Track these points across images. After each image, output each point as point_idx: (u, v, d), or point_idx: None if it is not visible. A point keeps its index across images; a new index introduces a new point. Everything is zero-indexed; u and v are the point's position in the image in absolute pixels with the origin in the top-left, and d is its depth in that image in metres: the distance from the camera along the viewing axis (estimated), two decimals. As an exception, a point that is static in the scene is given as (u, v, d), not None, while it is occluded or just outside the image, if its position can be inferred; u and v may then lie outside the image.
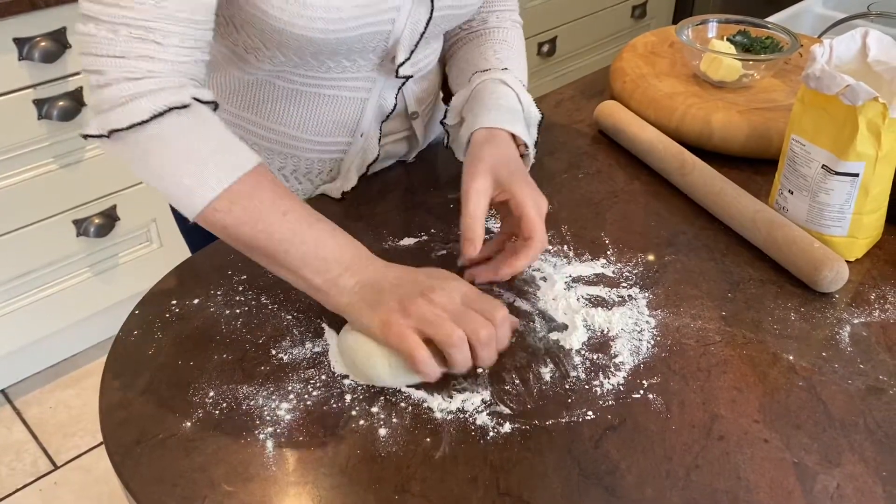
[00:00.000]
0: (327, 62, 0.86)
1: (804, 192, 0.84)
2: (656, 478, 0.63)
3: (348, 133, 0.94)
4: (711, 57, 1.07)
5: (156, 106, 0.70)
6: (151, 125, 0.70)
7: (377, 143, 0.96)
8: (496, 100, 0.87)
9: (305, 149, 0.95)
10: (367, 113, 0.93)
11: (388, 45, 0.87)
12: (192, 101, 0.72)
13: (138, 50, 0.70)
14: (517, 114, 0.87)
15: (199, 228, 1.01)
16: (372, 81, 0.91)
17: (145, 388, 0.70)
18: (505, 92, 0.88)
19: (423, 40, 0.88)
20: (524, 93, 0.90)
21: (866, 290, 0.82)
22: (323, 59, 0.85)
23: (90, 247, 1.83)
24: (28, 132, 1.63)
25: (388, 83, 0.92)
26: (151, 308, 0.79)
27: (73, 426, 1.85)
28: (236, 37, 0.85)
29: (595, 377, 0.72)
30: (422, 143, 1.04)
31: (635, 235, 0.89)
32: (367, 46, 0.85)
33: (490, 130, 0.83)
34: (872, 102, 0.76)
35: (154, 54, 0.70)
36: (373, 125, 0.95)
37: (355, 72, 0.89)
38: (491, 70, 0.91)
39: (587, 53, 2.73)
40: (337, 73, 0.88)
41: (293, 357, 0.73)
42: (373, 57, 0.88)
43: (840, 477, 0.63)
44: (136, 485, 0.62)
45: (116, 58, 0.69)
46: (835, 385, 0.71)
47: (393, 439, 0.66)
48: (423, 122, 1.02)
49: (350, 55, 0.86)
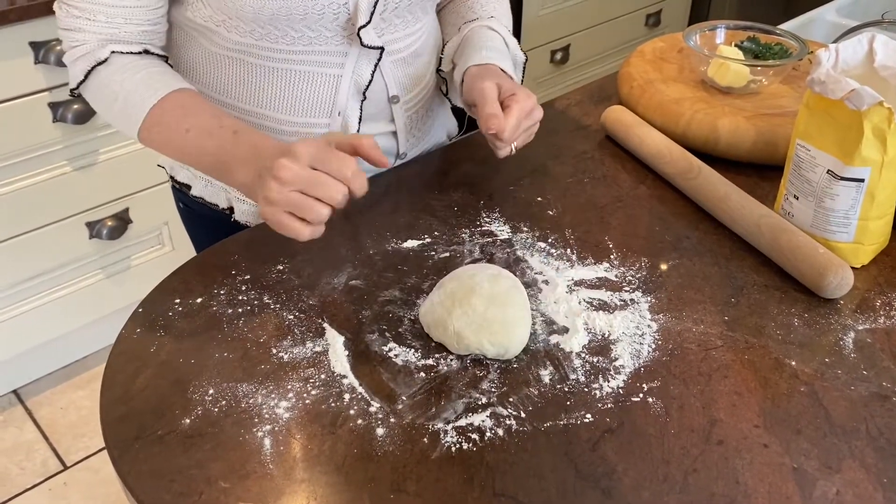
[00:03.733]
0: (290, 32, 0.88)
1: (809, 198, 0.84)
2: (653, 481, 0.63)
3: (325, 113, 0.94)
4: (719, 62, 1.06)
5: (87, 65, 0.88)
6: (87, 83, 0.89)
7: (357, 123, 0.96)
8: (485, 41, 0.96)
9: (284, 131, 0.95)
10: (343, 89, 0.93)
11: (349, 12, 0.87)
12: (111, 54, 0.87)
13: (75, 24, 0.87)
14: (504, 53, 0.97)
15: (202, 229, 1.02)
16: (343, 56, 0.91)
17: (146, 384, 0.71)
18: (492, 35, 0.98)
19: (384, 6, 0.89)
20: (510, 37, 1.00)
21: (872, 296, 0.82)
22: (283, 27, 0.87)
23: (103, 249, 1.84)
24: (43, 135, 1.65)
25: (361, 57, 0.92)
26: (155, 306, 0.79)
27: (83, 427, 1.86)
28: (203, 11, 0.90)
29: (595, 380, 0.71)
30: (403, 133, 1.02)
31: (639, 240, 0.89)
32: (326, 12, 0.86)
33: (481, 66, 0.93)
34: (878, 107, 0.76)
35: (85, 27, 0.87)
36: (350, 103, 0.95)
37: (323, 44, 0.90)
38: (478, 19, 1.00)
39: (600, 61, 2.73)
40: (303, 46, 0.89)
41: (293, 356, 0.74)
42: (336, 26, 0.89)
43: (840, 483, 0.63)
44: (133, 479, 0.63)
45: (64, 30, 0.89)
46: (837, 391, 0.71)
47: (390, 439, 0.66)
48: (407, 112, 1.01)
49: (311, 23, 0.87)
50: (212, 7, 0.89)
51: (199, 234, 1.10)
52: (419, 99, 1.03)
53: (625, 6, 2.68)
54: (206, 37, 0.92)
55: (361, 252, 0.87)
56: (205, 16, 0.90)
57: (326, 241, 0.88)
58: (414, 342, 0.75)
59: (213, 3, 0.88)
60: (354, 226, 0.91)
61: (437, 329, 0.74)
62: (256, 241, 0.89)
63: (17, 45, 1.55)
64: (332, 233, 0.90)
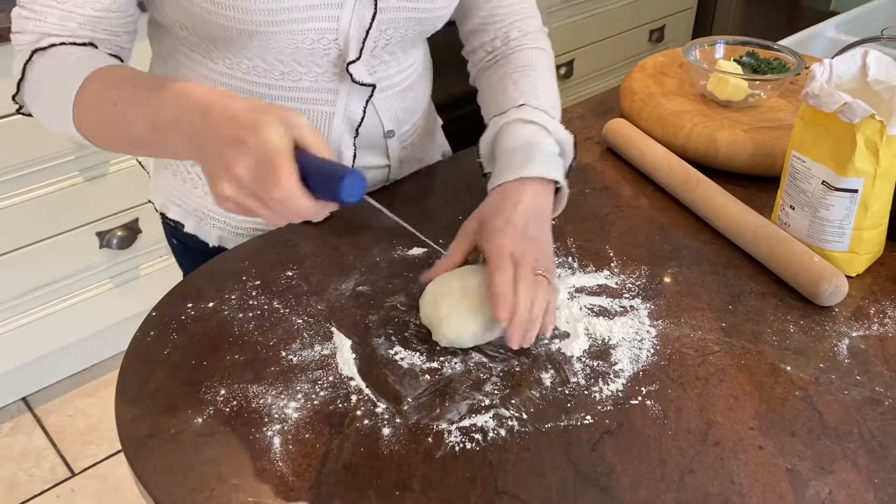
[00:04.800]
0: (277, 65, 0.86)
1: (805, 208, 0.86)
2: (651, 481, 0.65)
3: None
4: (718, 77, 1.09)
5: (23, 59, 0.80)
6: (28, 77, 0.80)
7: (352, 159, 0.96)
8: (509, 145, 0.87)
9: None
10: (336, 126, 0.92)
11: (339, 48, 0.86)
12: (50, 46, 0.79)
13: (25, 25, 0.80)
14: (531, 149, 0.86)
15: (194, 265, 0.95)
16: (334, 93, 0.90)
17: (159, 385, 0.73)
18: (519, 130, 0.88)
19: (375, 43, 0.88)
20: (548, 120, 0.89)
21: (866, 304, 0.84)
22: (270, 59, 0.85)
23: (112, 258, 1.87)
24: (54, 146, 1.68)
25: (352, 94, 0.91)
26: (168, 310, 0.82)
27: (91, 434, 1.88)
28: (189, 39, 0.87)
29: (595, 383, 0.73)
30: (396, 166, 1.02)
31: (639, 248, 0.91)
32: (316, 47, 0.85)
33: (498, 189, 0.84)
34: (870, 120, 0.78)
35: (35, 28, 0.80)
36: (344, 139, 0.94)
37: (313, 79, 0.88)
38: (509, 111, 0.90)
39: (604, 76, 2.76)
40: (293, 81, 0.88)
41: (302, 359, 0.76)
42: (327, 61, 0.87)
43: (833, 483, 0.64)
44: (147, 476, 0.65)
45: (14, 33, 0.81)
46: (831, 395, 0.73)
47: (395, 438, 0.68)
48: (402, 144, 1.01)
49: (297, 56, 0.85)
50: (199, 36, 0.86)
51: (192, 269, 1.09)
52: (413, 130, 1.03)
53: (629, 22, 2.71)
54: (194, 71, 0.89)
55: (368, 259, 0.89)
56: (191, 44, 0.87)
57: (334, 249, 0.91)
58: (419, 346, 0.77)
59: (199, 32, 0.85)
60: (362, 234, 0.94)
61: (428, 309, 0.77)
62: (266, 248, 0.91)
63: (32, 58, 1.58)
64: (339, 240, 0.92)
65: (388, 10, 0.87)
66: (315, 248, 0.91)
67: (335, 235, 0.93)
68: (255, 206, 0.64)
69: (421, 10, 0.89)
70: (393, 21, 0.88)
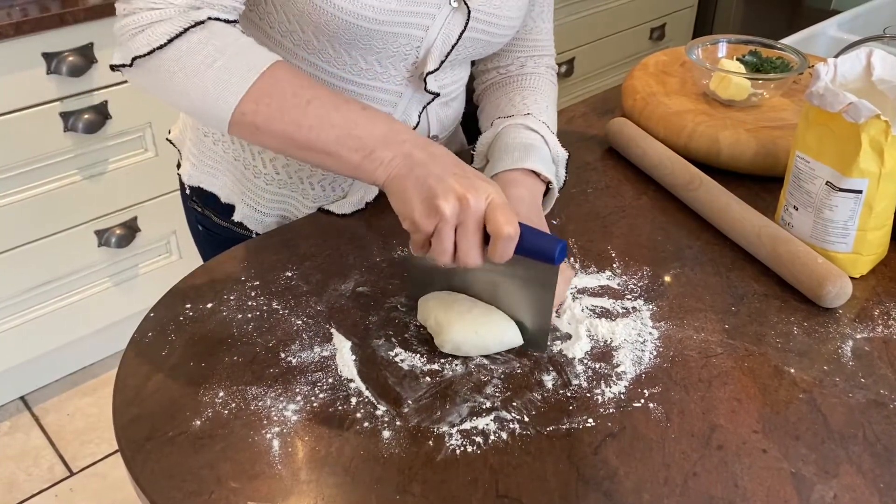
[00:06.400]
0: (359, 60, 0.87)
1: (809, 209, 0.85)
2: (654, 484, 0.64)
3: None
4: (721, 76, 1.08)
5: (173, 28, 0.73)
6: (170, 48, 0.74)
7: None
8: (511, 141, 0.91)
9: None
10: None
11: (419, 55, 0.89)
12: (209, 19, 0.75)
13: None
14: (530, 149, 0.90)
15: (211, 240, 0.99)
16: (398, 95, 0.92)
17: (158, 387, 0.72)
18: (521, 133, 0.92)
19: (452, 57, 0.91)
20: (549, 134, 0.93)
21: (871, 306, 0.83)
22: (355, 53, 0.86)
23: (111, 257, 1.86)
24: (54, 144, 1.67)
25: (414, 99, 0.94)
26: (166, 311, 0.81)
27: (89, 433, 1.87)
28: (273, 17, 0.86)
29: (597, 386, 0.73)
30: None
31: (642, 249, 0.91)
32: (401, 51, 0.87)
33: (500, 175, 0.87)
34: (875, 120, 0.77)
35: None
36: None
37: (385, 80, 0.90)
38: (514, 116, 0.95)
39: (604, 75, 2.75)
40: (367, 79, 0.89)
41: (302, 360, 0.75)
42: (403, 66, 0.89)
43: (837, 487, 0.64)
44: (145, 479, 0.64)
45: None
46: (835, 398, 0.72)
47: (396, 441, 0.67)
48: None
49: (381, 56, 0.87)
50: (286, 15, 0.84)
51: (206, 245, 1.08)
52: (450, 135, 1.06)
53: (629, 20, 2.71)
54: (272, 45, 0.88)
55: (368, 260, 0.88)
56: (273, 22, 0.86)
57: (334, 249, 0.90)
58: (420, 347, 0.76)
59: (289, 11, 0.83)
60: (362, 234, 0.93)
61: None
62: (265, 248, 0.90)
63: (30, 56, 1.57)
64: (339, 240, 0.92)
65: (474, 31, 0.89)
66: (314, 249, 0.90)
67: (335, 235, 0.92)
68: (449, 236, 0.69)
69: (498, 34, 0.92)
70: (473, 40, 0.91)
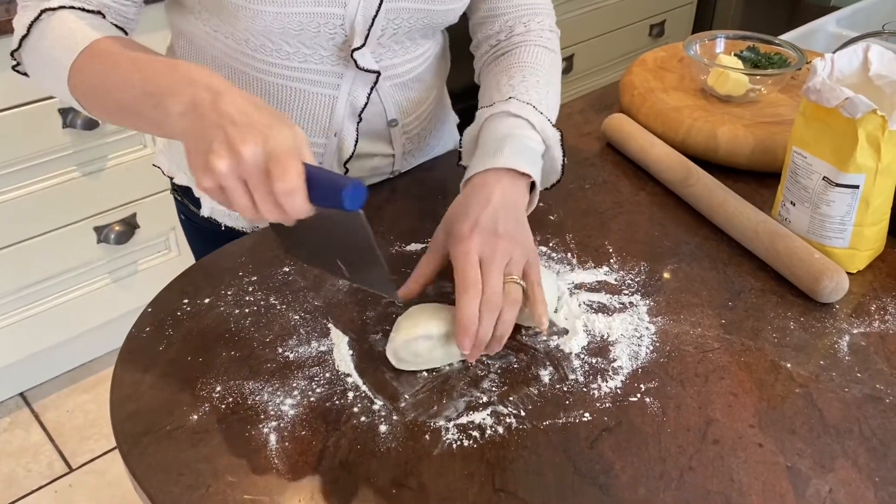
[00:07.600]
0: (284, 46, 0.87)
1: (806, 204, 0.85)
2: (650, 478, 0.64)
3: (321, 133, 0.94)
4: (718, 71, 1.08)
5: (27, 18, 0.78)
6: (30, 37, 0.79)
7: (353, 144, 0.96)
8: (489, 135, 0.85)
9: None
10: (339, 110, 0.93)
11: (345, 33, 0.87)
12: (60, 7, 0.78)
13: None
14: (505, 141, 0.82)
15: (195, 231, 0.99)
16: (339, 77, 0.91)
17: (155, 381, 0.73)
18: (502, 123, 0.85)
19: (383, 31, 0.88)
20: (530, 112, 0.85)
21: (867, 301, 0.83)
22: (277, 41, 0.86)
23: (110, 254, 1.87)
24: (52, 140, 1.67)
25: (357, 79, 0.91)
26: (164, 306, 0.81)
27: (88, 430, 1.88)
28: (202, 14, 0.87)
29: (593, 380, 0.73)
30: (399, 156, 1.03)
31: (639, 245, 0.91)
32: (322, 31, 0.85)
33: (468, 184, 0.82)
34: (871, 115, 0.77)
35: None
36: (346, 125, 0.94)
37: (318, 62, 0.89)
38: (496, 104, 0.87)
39: (604, 71, 2.75)
40: (299, 62, 0.88)
41: (299, 355, 0.75)
42: (333, 45, 0.88)
43: (833, 482, 0.64)
44: (142, 473, 0.64)
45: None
46: (831, 393, 0.72)
47: (392, 436, 0.67)
48: (406, 136, 1.01)
49: (305, 40, 0.86)
50: (209, 12, 0.87)
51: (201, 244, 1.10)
52: (419, 122, 1.02)
53: (629, 17, 2.70)
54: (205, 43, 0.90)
55: (366, 255, 0.88)
56: (203, 19, 0.88)
57: (332, 244, 0.90)
58: (417, 342, 0.76)
59: (210, 7, 0.86)
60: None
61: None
62: (263, 243, 0.90)
63: (29, 52, 1.57)
64: (337, 236, 0.92)
65: (396, 1, 0.87)
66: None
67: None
68: (238, 192, 0.62)
69: (430, 2, 0.89)
70: (401, 11, 0.88)
